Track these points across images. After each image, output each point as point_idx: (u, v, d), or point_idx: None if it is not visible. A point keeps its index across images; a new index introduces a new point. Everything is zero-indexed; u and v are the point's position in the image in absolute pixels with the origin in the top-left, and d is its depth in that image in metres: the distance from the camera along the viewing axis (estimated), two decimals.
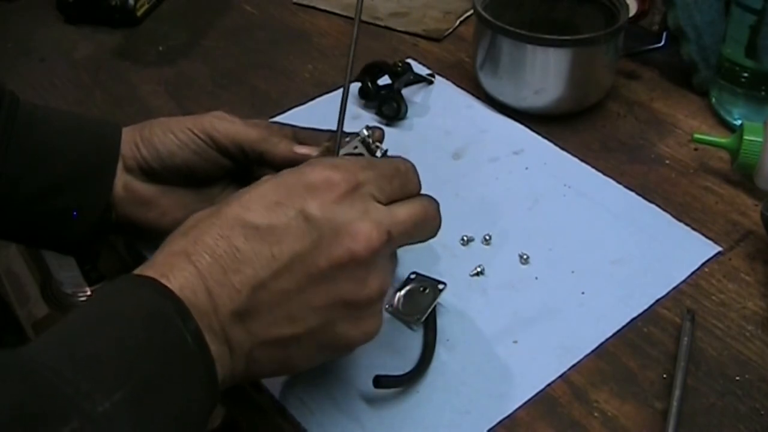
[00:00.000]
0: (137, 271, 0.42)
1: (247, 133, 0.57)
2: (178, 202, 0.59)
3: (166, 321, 0.40)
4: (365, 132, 0.55)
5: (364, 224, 0.44)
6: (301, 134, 0.60)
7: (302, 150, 0.57)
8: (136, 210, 0.59)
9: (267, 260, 0.43)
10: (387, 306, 0.58)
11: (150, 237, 0.60)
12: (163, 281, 0.41)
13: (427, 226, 0.49)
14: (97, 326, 0.40)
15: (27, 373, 0.36)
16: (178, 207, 0.59)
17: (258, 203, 0.44)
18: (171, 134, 0.57)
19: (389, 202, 0.47)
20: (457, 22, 0.93)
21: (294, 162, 0.54)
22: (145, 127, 0.58)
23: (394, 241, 0.46)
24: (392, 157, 0.51)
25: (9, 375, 0.36)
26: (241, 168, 0.60)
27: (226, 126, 0.57)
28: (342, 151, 0.54)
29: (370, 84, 0.78)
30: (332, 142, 0.55)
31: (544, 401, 0.53)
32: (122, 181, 0.58)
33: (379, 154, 0.55)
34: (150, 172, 0.58)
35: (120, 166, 0.58)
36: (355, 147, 0.55)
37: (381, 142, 0.57)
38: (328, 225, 0.43)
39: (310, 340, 0.45)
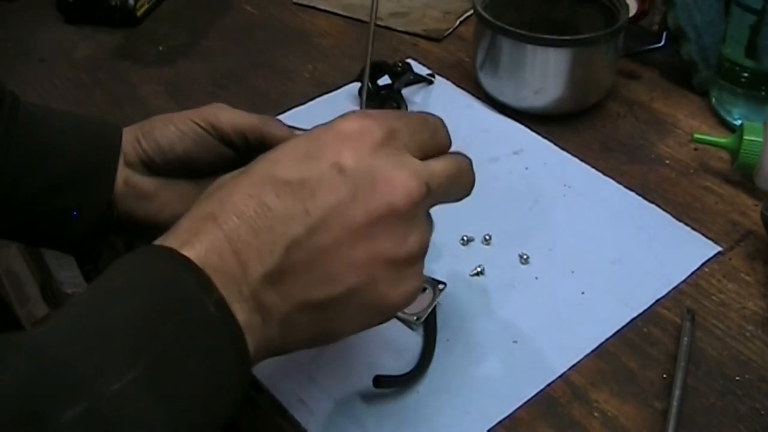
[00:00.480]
0: (158, 241, 0.40)
1: (249, 119, 0.58)
2: (179, 195, 0.59)
3: (184, 292, 0.38)
4: None
5: (402, 174, 0.41)
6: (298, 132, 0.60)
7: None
8: (137, 204, 0.59)
9: (301, 216, 0.40)
10: None
11: (150, 235, 0.60)
12: (186, 248, 0.39)
13: (462, 182, 0.47)
14: (110, 301, 0.38)
15: (31, 353, 0.34)
16: (178, 200, 0.59)
17: (288, 157, 0.41)
18: (172, 125, 0.58)
19: (422, 155, 0.44)
20: (457, 22, 0.93)
21: None
22: (147, 122, 0.59)
23: (431, 195, 0.43)
24: (419, 112, 0.48)
25: (13, 355, 0.34)
26: (242, 158, 0.60)
27: (228, 114, 0.58)
28: None
29: (370, 84, 0.78)
30: None
31: (544, 401, 0.53)
32: (123, 175, 0.58)
33: None
34: (151, 165, 0.58)
35: (121, 161, 0.58)
36: None
37: None
38: (364, 176, 0.41)
39: (350, 302, 0.42)
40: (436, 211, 0.50)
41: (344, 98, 0.79)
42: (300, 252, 0.40)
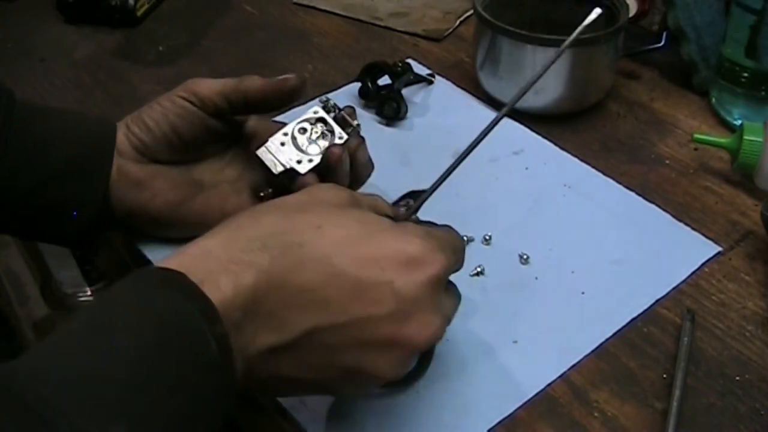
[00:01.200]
0: (179, 261, 0.39)
1: (227, 81, 0.59)
2: (171, 184, 0.60)
3: (186, 330, 0.36)
4: (324, 99, 0.61)
5: (437, 320, 0.43)
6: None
7: (281, 77, 0.59)
8: (129, 192, 0.59)
9: (336, 311, 0.41)
10: None
11: (146, 229, 0.62)
12: (207, 285, 0.38)
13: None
14: (104, 337, 0.36)
15: (17, 404, 0.32)
16: (170, 189, 0.60)
17: (355, 249, 0.42)
18: (156, 105, 0.59)
19: None
20: (457, 22, 0.93)
21: (274, 90, 0.57)
22: (136, 111, 0.60)
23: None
24: (449, 229, 0.50)
25: None
26: (228, 134, 0.61)
27: (207, 81, 0.59)
28: (302, 117, 0.59)
29: (370, 84, 0.78)
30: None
31: (544, 401, 0.53)
32: (116, 164, 0.59)
33: (337, 129, 0.59)
34: (143, 150, 0.59)
35: (114, 152, 0.59)
36: (315, 111, 0.59)
37: (353, 118, 0.61)
38: (406, 304, 0.42)
39: (318, 388, 0.45)
40: (437, 212, 0.50)
41: (344, 98, 0.79)
42: (313, 340, 0.41)
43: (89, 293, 1.32)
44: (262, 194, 0.61)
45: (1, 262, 1.36)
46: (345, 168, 0.58)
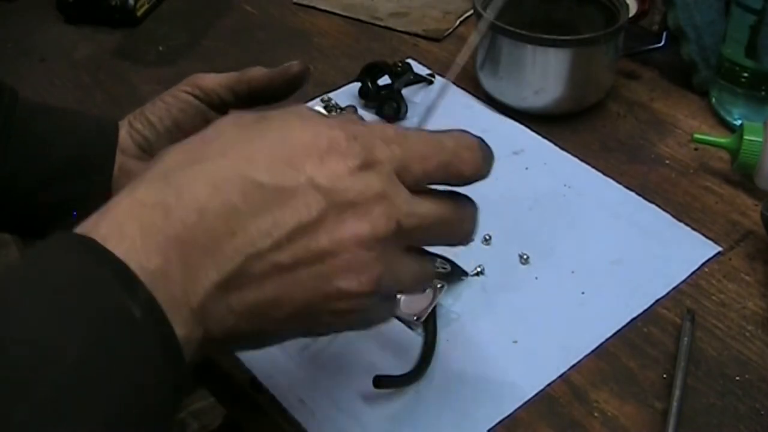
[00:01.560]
0: (91, 223, 0.35)
1: (230, 74, 0.59)
2: None
3: (102, 296, 0.32)
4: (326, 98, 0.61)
5: (370, 206, 0.38)
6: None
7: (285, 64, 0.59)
8: None
9: (268, 226, 0.37)
10: None
11: None
12: (121, 244, 0.34)
13: (452, 230, 0.44)
14: (7, 313, 0.32)
15: None
16: None
17: (264, 157, 0.38)
18: (159, 101, 0.59)
19: (423, 183, 0.41)
20: (457, 22, 0.93)
21: (278, 77, 0.57)
22: (138, 108, 0.60)
23: (403, 233, 0.40)
24: (448, 131, 0.44)
25: None
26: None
27: (210, 75, 0.59)
28: None
29: (370, 84, 0.78)
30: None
31: (544, 401, 0.53)
32: (118, 162, 0.59)
33: None
34: (145, 146, 0.59)
35: (117, 150, 0.59)
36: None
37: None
38: (335, 198, 0.38)
39: (292, 323, 0.39)
40: None
41: (344, 98, 0.79)
42: (258, 265, 0.37)
43: None
44: None
45: (1, 262, 1.36)
46: None
